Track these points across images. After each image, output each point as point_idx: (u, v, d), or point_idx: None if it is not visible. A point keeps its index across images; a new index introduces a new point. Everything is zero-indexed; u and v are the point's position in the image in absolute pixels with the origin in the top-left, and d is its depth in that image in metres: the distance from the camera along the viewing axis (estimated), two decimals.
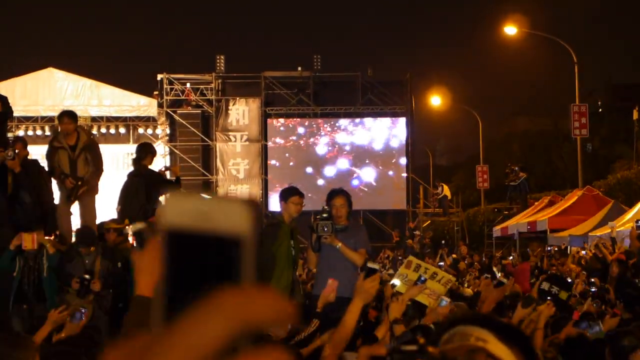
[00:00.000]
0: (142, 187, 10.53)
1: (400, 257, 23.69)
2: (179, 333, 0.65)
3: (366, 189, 34.35)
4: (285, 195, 8.35)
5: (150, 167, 11.01)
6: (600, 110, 48.69)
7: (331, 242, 7.68)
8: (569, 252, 19.91)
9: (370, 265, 4.37)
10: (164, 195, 0.71)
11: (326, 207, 7.87)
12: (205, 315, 0.65)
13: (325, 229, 7.60)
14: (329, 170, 34.73)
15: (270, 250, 8.11)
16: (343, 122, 35.05)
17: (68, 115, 10.70)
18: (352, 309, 4.09)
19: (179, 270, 0.69)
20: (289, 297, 8.33)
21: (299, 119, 35.17)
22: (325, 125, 34.98)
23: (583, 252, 17.94)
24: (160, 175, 11.08)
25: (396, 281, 6.26)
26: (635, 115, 32.79)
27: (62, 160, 10.40)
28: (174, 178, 11.47)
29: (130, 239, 9.48)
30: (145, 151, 11.08)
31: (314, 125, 35.02)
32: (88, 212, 10.57)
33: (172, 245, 0.69)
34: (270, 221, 8.52)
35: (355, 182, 33.92)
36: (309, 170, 34.70)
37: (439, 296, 6.45)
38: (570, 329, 6.09)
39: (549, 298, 6.35)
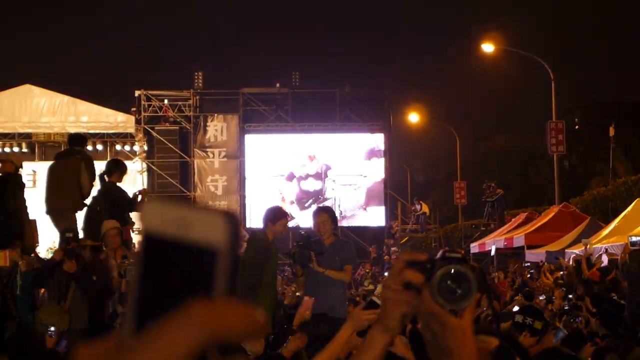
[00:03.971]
0: (104, 205, 10.37)
1: (378, 274, 23.66)
2: (149, 341, 0.65)
3: (344, 205, 34.33)
4: (273, 218, 8.34)
5: (119, 184, 10.80)
6: (577, 127, 49.00)
7: (317, 270, 7.89)
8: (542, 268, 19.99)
9: (374, 299, 4.33)
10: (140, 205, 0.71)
11: (302, 232, 8.05)
12: (177, 324, 0.64)
13: (304, 259, 7.85)
14: (307, 186, 34.71)
15: (261, 270, 8.13)
16: (321, 138, 35.07)
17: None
18: (340, 334, 3.97)
19: (153, 277, 0.68)
20: (273, 313, 8.35)
21: (277, 135, 35.16)
22: (303, 141, 34.96)
23: (560, 272, 18.02)
24: (125, 194, 10.87)
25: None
26: (611, 133, 32.98)
27: None
28: (140, 199, 11.28)
29: None
30: (114, 167, 10.88)
31: (292, 141, 35.00)
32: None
33: (149, 250, 0.69)
34: (259, 242, 8.56)
35: (333, 198, 33.89)
36: (288, 186, 34.66)
37: None
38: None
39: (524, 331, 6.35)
